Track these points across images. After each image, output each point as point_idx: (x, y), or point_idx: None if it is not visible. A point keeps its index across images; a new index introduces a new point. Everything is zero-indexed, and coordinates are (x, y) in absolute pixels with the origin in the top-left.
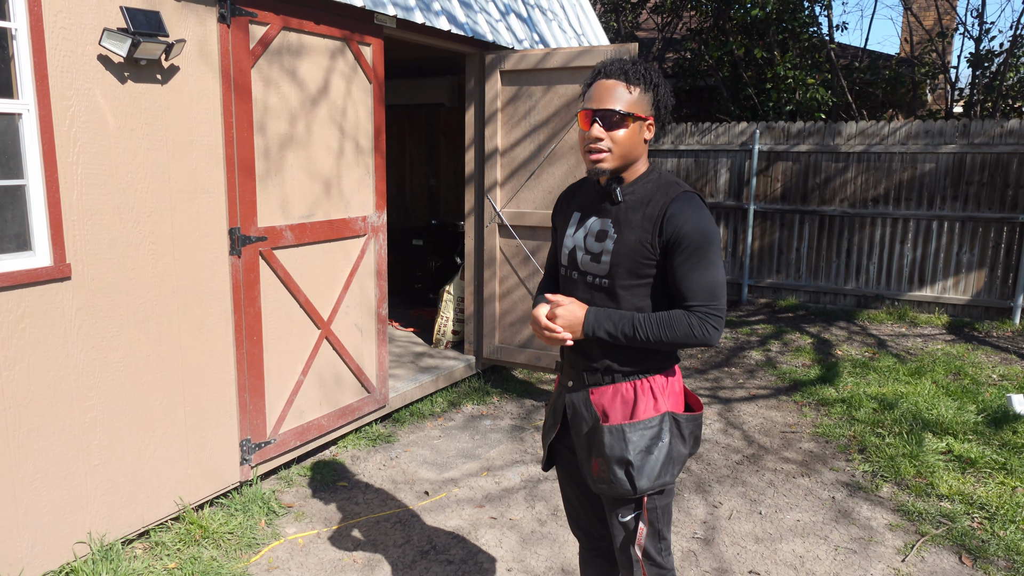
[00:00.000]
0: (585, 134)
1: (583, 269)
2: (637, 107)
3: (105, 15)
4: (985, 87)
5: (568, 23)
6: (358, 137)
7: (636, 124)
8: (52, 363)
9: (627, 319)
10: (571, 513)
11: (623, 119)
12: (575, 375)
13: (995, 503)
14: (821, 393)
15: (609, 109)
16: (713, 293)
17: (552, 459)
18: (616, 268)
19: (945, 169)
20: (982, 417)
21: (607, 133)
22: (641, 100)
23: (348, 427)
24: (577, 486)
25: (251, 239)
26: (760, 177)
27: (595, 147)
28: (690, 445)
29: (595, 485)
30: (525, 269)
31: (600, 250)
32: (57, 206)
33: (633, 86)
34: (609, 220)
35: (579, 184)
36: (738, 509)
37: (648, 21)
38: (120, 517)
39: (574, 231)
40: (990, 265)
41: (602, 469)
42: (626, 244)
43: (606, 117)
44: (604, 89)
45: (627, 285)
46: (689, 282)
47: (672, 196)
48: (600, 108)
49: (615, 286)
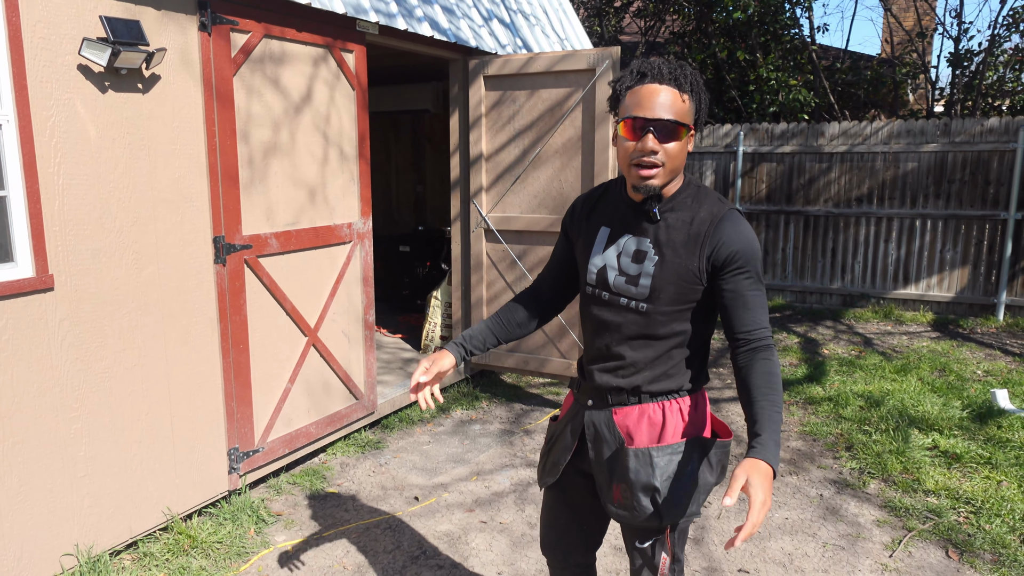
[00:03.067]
0: (632, 145)
1: (616, 291)
2: (688, 116)
3: (85, 25)
4: (965, 86)
5: (551, 28)
6: (342, 144)
7: (688, 136)
8: (36, 374)
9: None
10: (551, 539)
11: (676, 129)
12: (597, 393)
13: (980, 497)
14: (809, 392)
15: (668, 120)
16: (764, 314)
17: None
18: (658, 292)
19: (927, 168)
20: (967, 413)
21: (662, 146)
22: (691, 109)
23: (337, 434)
24: (573, 511)
25: (236, 247)
26: (745, 178)
27: (648, 161)
28: (717, 473)
29: (616, 512)
30: (512, 273)
31: (638, 272)
32: (39, 217)
33: (685, 94)
34: (648, 240)
35: (599, 193)
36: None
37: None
38: (107, 528)
39: (603, 249)
40: (973, 262)
41: (624, 496)
42: (670, 267)
43: (664, 128)
44: (657, 95)
45: (669, 311)
46: (750, 307)
47: (719, 215)
48: (657, 118)
49: (655, 311)
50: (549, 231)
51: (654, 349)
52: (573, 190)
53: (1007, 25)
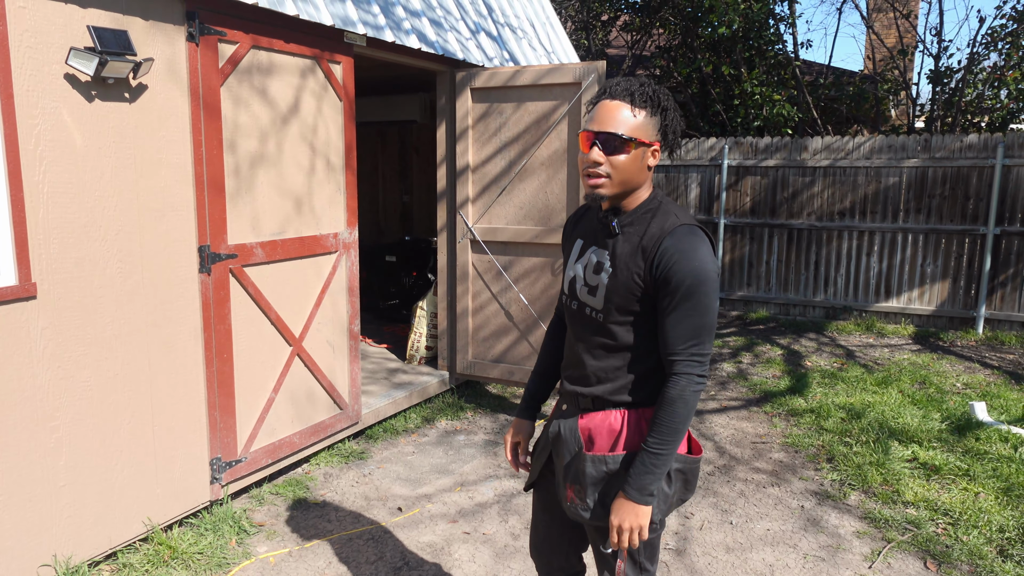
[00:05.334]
0: (584, 157)
1: (581, 300)
2: (641, 131)
3: (72, 34)
4: (945, 103)
5: (538, 41)
6: (329, 155)
7: (639, 150)
8: (17, 383)
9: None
10: (535, 542)
11: (624, 144)
12: (570, 399)
13: (959, 509)
14: (791, 404)
15: (611, 133)
16: (698, 338)
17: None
18: (610, 304)
19: (908, 183)
20: (946, 425)
21: (607, 157)
22: (646, 124)
23: (321, 444)
24: (551, 515)
25: (221, 256)
26: (730, 191)
27: (593, 171)
28: (678, 487)
29: (570, 510)
30: (498, 284)
31: (597, 283)
32: (23, 225)
33: (638, 108)
34: (606, 252)
35: (584, 209)
36: (710, 519)
37: (618, 39)
38: (87, 539)
39: (575, 260)
40: (953, 276)
41: (578, 495)
42: (619, 280)
43: (608, 141)
44: (608, 110)
45: (620, 321)
46: (674, 328)
47: (667, 230)
48: (602, 131)
49: (608, 321)
50: (535, 242)
51: (613, 360)
52: (559, 202)
53: (986, 44)
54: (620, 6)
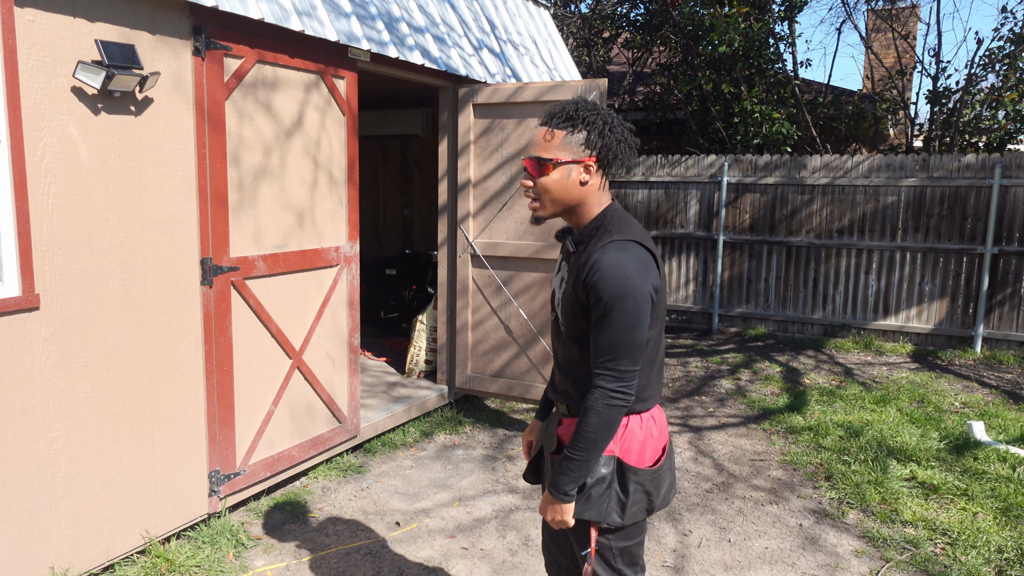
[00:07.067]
0: None
1: (556, 312)
2: (561, 151)
3: (80, 48)
4: (943, 123)
5: (540, 58)
6: (332, 169)
7: (562, 169)
8: (18, 394)
9: (563, 460)
10: (544, 540)
11: (544, 164)
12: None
13: (957, 529)
14: (789, 421)
15: (532, 156)
16: (613, 353)
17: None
18: (566, 316)
19: (906, 201)
20: (944, 444)
21: (536, 180)
22: (567, 143)
23: (319, 458)
24: None
25: (223, 269)
26: (729, 208)
27: (528, 195)
28: (637, 497)
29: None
30: (497, 299)
31: (560, 296)
32: (27, 236)
33: (556, 130)
34: (567, 267)
35: None
36: (708, 537)
37: (619, 56)
38: (84, 551)
39: (555, 274)
40: (951, 295)
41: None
42: (567, 295)
43: (533, 165)
44: (535, 135)
45: (574, 335)
46: (595, 341)
47: (599, 246)
48: (528, 155)
49: (568, 333)
50: (535, 258)
51: (576, 370)
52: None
53: (983, 65)
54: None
